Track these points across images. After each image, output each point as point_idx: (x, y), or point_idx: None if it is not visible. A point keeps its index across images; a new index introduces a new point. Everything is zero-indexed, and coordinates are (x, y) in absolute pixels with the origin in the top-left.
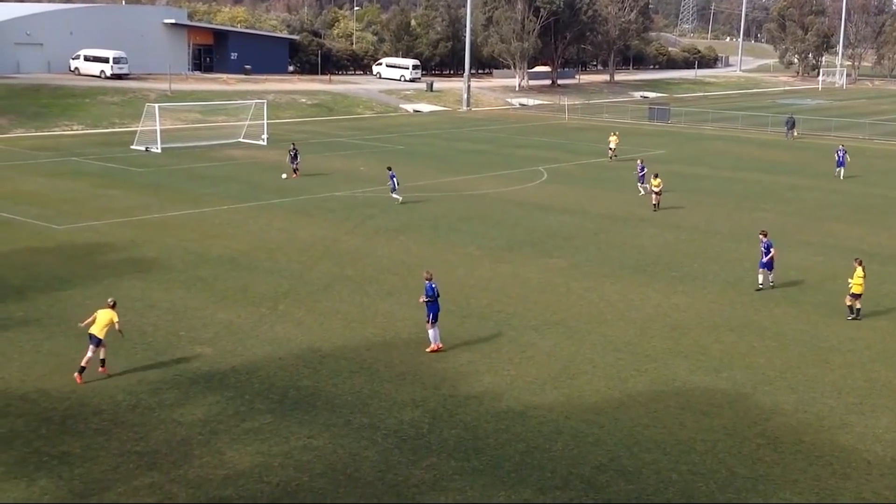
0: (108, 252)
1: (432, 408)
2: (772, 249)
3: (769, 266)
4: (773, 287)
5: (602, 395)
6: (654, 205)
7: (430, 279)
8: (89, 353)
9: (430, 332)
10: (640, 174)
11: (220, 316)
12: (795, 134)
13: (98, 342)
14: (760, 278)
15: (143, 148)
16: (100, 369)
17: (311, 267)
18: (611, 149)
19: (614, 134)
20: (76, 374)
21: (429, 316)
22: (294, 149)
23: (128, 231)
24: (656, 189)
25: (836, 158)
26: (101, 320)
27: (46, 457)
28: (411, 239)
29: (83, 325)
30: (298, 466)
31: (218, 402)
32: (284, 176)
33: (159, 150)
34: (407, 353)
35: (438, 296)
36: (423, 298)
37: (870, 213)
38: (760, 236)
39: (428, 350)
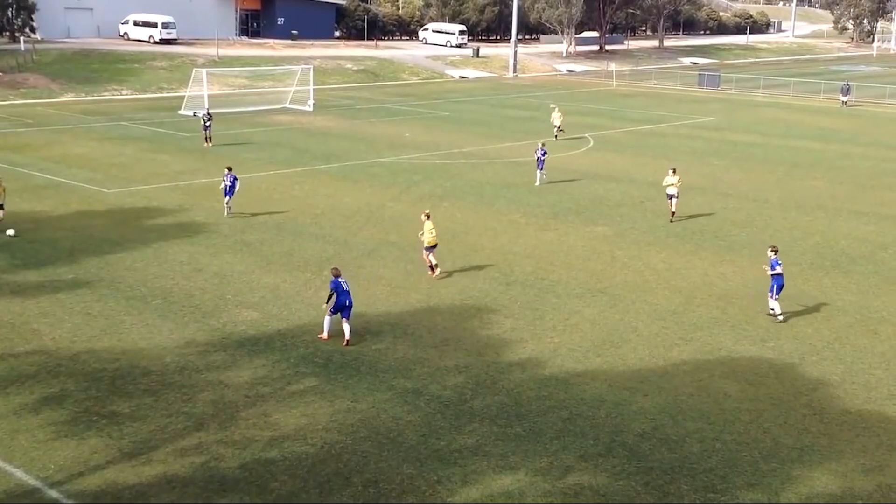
0: (157, 216)
1: (475, 374)
2: (777, 267)
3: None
4: (781, 320)
5: (646, 364)
6: (672, 213)
7: (338, 276)
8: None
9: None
10: (541, 158)
11: (266, 280)
12: (847, 100)
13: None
14: (777, 307)
15: (190, 113)
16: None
17: (355, 233)
18: (555, 126)
19: (556, 108)
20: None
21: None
22: (208, 115)
23: (176, 195)
24: (673, 190)
25: None
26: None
27: (96, 416)
28: (455, 206)
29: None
30: (342, 429)
31: (264, 366)
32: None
33: (206, 114)
34: (451, 319)
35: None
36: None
37: None
38: (770, 253)
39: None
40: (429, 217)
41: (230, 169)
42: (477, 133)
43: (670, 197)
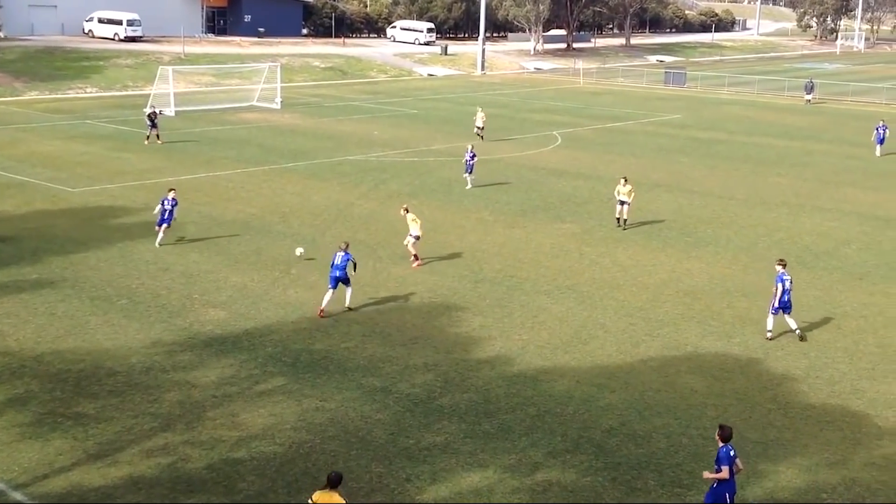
0: (122, 215)
1: (444, 372)
2: (779, 284)
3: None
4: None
5: (613, 360)
6: (621, 220)
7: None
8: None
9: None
10: (469, 162)
11: (234, 279)
12: (810, 98)
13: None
14: (787, 321)
15: (157, 111)
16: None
17: (323, 231)
18: (478, 126)
19: (480, 109)
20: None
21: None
22: (154, 113)
23: (142, 194)
24: (626, 197)
25: (877, 135)
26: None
27: (61, 418)
28: (424, 203)
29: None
30: (311, 429)
31: (231, 365)
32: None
33: (173, 114)
34: (419, 317)
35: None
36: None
37: (885, 179)
38: (778, 267)
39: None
40: (408, 210)
41: (173, 190)
42: (445, 131)
43: (622, 203)
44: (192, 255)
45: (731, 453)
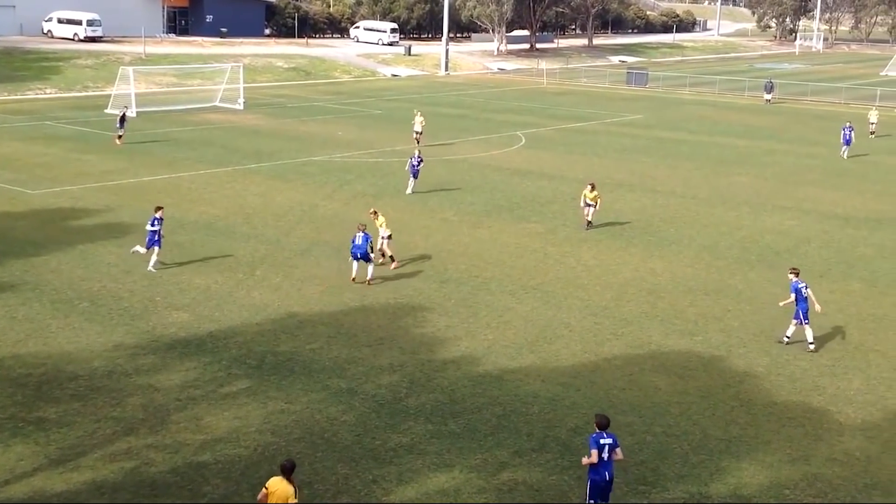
0: (83, 217)
1: (410, 372)
2: (799, 293)
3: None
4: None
5: (578, 359)
6: (588, 221)
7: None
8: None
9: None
10: (415, 167)
11: (197, 281)
12: (770, 98)
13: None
14: (792, 330)
15: (118, 112)
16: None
17: (288, 232)
18: (416, 131)
19: (419, 113)
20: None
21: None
22: (123, 113)
23: (103, 196)
24: (591, 201)
25: (843, 136)
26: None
27: (22, 423)
28: (389, 204)
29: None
30: (276, 431)
31: (195, 368)
32: None
33: (134, 115)
34: (385, 318)
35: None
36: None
37: (844, 178)
38: (790, 276)
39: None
40: (377, 213)
41: (161, 209)
42: (409, 131)
43: (588, 206)
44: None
45: (601, 441)
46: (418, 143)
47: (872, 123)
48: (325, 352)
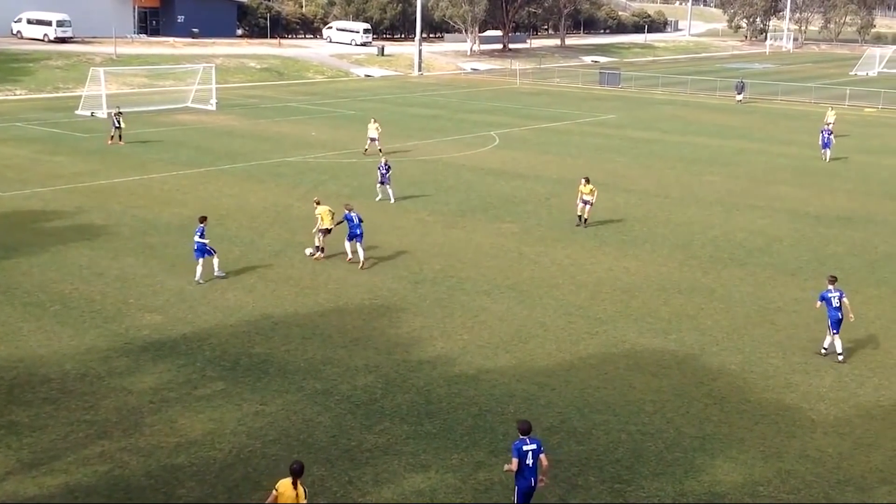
0: (55, 219)
1: (385, 373)
2: (829, 302)
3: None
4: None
5: (553, 359)
6: (582, 218)
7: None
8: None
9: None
10: (383, 174)
11: (171, 283)
12: (741, 98)
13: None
14: (834, 342)
15: (88, 113)
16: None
17: (262, 233)
18: (371, 138)
19: (374, 120)
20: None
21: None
22: (118, 113)
23: (74, 198)
24: (589, 197)
25: (822, 139)
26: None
27: None
28: (363, 205)
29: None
30: (251, 433)
31: (169, 370)
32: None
33: (105, 116)
34: (360, 319)
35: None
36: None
37: (815, 177)
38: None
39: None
40: (319, 203)
41: (205, 218)
42: (383, 132)
43: (585, 202)
44: (128, 258)
45: (524, 447)
46: (365, 153)
47: (829, 123)
48: (300, 353)
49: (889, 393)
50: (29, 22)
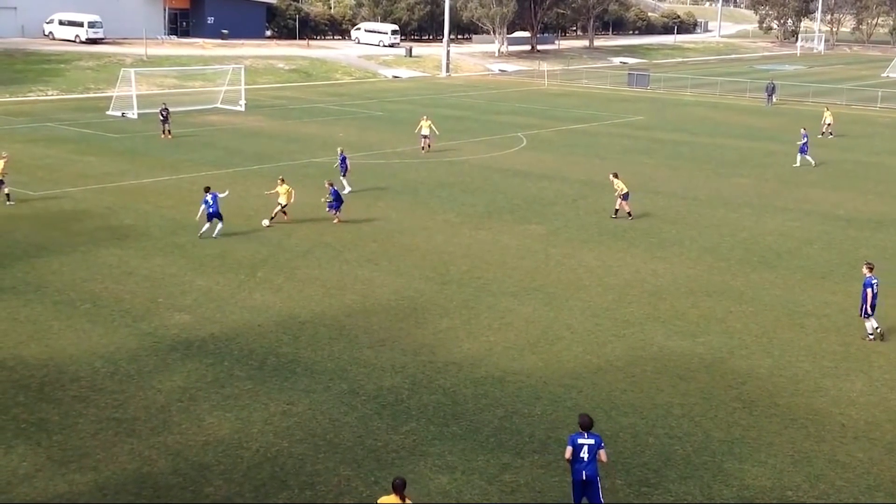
0: (85, 219)
1: (412, 374)
2: (868, 290)
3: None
4: (873, 338)
5: (580, 361)
6: (621, 211)
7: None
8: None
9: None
10: (343, 164)
11: (199, 283)
12: (774, 100)
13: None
14: (869, 326)
15: (118, 113)
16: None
17: (289, 234)
18: (424, 136)
19: (425, 118)
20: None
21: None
22: (165, 109)
23: (104, 198)
24: (619, 191)
25: (801, 144)
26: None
27: (24, 424)
28: (390, 205)
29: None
30: (278, 432)
31: (197, 369)
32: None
33: (135, 116)
34: (386, 320)
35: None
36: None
37: (846, 179)
38: (865, 271)
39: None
40: (283, 181)
41: (207, 189)
42: (411, 133)
43: (625, 196)
44: (157, 258)
45: (579, 440)
46: (430, 147)
47: (828, 124)
48: (327, 353)
49: None
50: (61, 23)
